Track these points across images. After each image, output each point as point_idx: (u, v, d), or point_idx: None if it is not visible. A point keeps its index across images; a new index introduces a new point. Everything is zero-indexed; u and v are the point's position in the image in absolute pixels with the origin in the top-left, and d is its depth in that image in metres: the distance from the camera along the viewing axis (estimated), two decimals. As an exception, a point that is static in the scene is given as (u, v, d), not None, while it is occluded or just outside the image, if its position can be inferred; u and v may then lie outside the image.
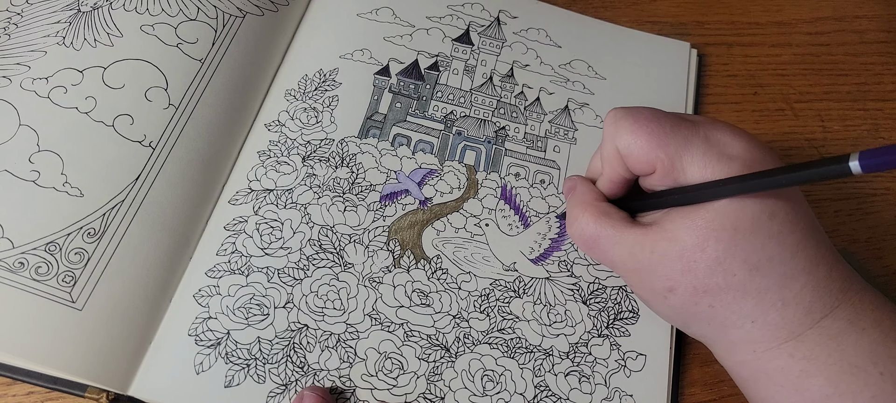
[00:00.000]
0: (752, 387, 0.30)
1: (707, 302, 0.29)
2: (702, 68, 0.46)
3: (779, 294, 0.28)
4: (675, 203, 0.30)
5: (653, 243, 0.29)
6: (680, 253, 0.28)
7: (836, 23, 0.49)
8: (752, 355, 0.29)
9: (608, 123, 0.31)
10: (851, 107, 0.45)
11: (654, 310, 0.32)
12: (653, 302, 0.31)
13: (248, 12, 0.41)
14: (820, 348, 0.28)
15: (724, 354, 0.31)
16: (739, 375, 0.31)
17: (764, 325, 0.29)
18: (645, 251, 0.30)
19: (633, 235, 0.30)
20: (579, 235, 0.32)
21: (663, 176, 0.30)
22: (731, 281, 0.28)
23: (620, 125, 0.30)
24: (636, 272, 0.31)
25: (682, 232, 0.29)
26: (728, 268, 0.28)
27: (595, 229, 0.32)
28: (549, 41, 0.44)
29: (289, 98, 0.40)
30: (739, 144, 0.29)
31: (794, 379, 0.28)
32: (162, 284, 0.34)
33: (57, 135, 0.35)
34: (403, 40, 0.43)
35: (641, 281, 0.31)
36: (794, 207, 0.28)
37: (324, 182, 0.38)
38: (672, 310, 0.30)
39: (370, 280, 0.35)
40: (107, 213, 0.34)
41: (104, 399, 0.31)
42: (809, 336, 0.28)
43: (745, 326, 0.29)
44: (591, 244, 0.32)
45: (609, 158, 0.32)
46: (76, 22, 0.38)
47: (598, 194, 0.33)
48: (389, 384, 0.33)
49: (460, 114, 0.41)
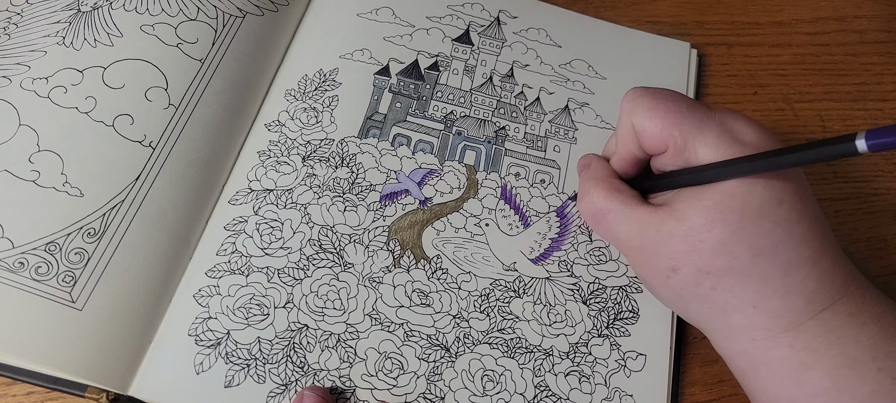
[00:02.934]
0: (752, 378, 0.30)
1: (709, 284, 0.29)
2: (702, 68, 0.46)
3: (781, 281, 0.28)
4: (684, 183, 0.30)
5: (660, 221, 0.30)
6: (686, 232, 0.29)
7: (836, 23, 0.49)
8: (751, 343, 0.29)
9: (626, 100, 0.32)
10: (851, 107, 0.45)
11: (654, 292, 0.32)
12: (654, 282, 0.31)
13: (248, 12, 0.41)
14: (820, 340, 0.28)
15: (723, 342, 0.31)
16: (738, 365, 0.31)
17: (765, 312, 0.29)
18: (651, 229, 0.30)
19: (642, 212, 0.30)
20: (589, 209, 0.33)
21: (675, 155, 0.30)
22: (735, 263, 0.28)
23: (638, 102, 0.31)
24: (641, 250, 0.31)
25: (689, 212, 0.29)
26: (733, 251, 0.28)
27: (605, 203, 0.32)
28: (550, 41, 0.44)
29: (289, 98, 0.40)
30: (754, 133, 0.29)
31: (794, 371, 0.28)
32: (162, 284, 0.34)
33: (57, 135, 0.35)
34: (403, 40, 0.43)
35: (645, 260, 0.31)
36: (803, 197, 0.29)
37: (324, 182, 0.38)
38: (673, 292, 0.30)
39: (370, 280, 0.35)
40: (107, 213, 0.34)
41: (104, 399, 0.31)
42: (809, 326, 0.28)
43: (746, 311, 0.29)
44: (599, 218, 0.32)
45: (624, 135, 0.32)
46: (76, 22, 0.38)
47: (611, 171, 0.34)
48: (389, 384, 0.33)
49: (460, 114, 0.41)
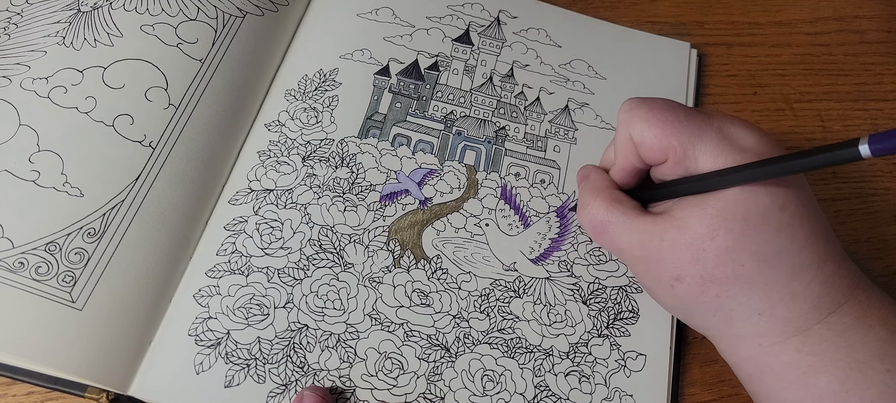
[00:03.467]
0: (758, 383, 0.30)
1: (714, 292, 0.29)
2: (702, 68, 0.46)
3: (787, 287, 0.28)
4: (686, 192, 0.30)
5: (662, 231, 0.29)
6: (689, 241, 0.28)
7: (836, 23, 0.49)
8: (758, 349, 0.29)
9: (623, 112, 0.31)
10: (851, 107, 0.45)
11: (659, 300, 0.32)
12: (658, 291, 0.31)
13: (248, 12, 0.41)
14: (827, 343, 0.28)
15: (728, 349, 0.31)
16: (744, 371, 0.31)
17: (771, 318, 0.29)
18: (654, 239, 0.30)
19: (643, 223, 0.30)
20: (590, 221, 0.32)
21: (675, 164, 0.30)
22: (740, 271, 0.28)
23: (634, 113, 0.31)
24: (644, 260, 0.31)
25: (692, 221, 0.29)
26: (737, 259, 0.28)
27: (606, 215, 0.32)
28: (549, 41, 0.44)
29: (289, 98, 0.40)
30: (752, 138, 0.29)
31: (801, 375, 0.28)
32: (162, 284, 0.34)
33: (57, 135, 0.35)
34: (403, 40, 0.43)
35: (648, 270, 0.31)
36: (805, 202, 0.28)
37: (324, 182, 0.38)
38: (677, 301, 0.30)
39: (370, 280, 0.35)
40: (107, 213, 0.34)
41: (104, 399, 0.31)
42: (816, 331, 0.28)
43: (752, 318, 0.29)
44: (601, 230, 0.32)
45: (622, 147, 0.32)
46: (76, 22, 0.38)
47: (611, 182, 0.34)
48: (389, 384, 0.33)
49: (460, 114, 0.41)
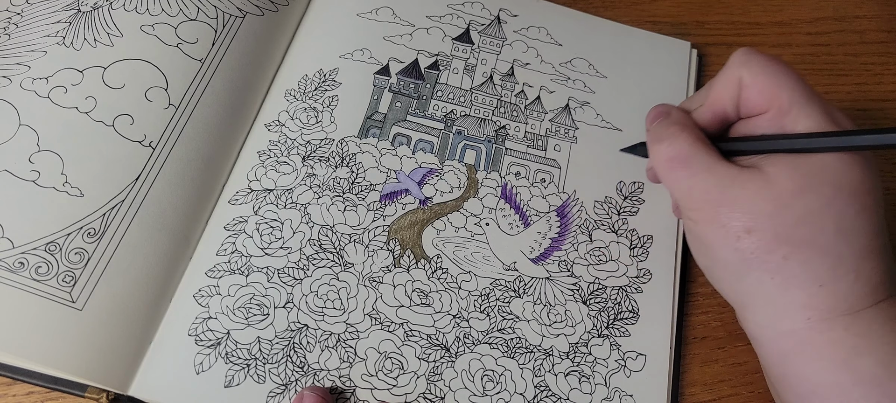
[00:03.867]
0: (793, 362, 0.29)
1: (782, 253, 0.28)
2: (702, 68, 0.46)
3: (854, 264, 0.28)
4: (775, 148, 0.29)
5: (747, 179, 0.29)
6: (775, 194, 0.28)
7: (836, 23, 0.49)
8: (805, 323, 0.29)
9: (739, 54, 0.31)
10: (851, 107, 0.45)
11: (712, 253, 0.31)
12: (718, 241, 0.30)
13: (248, 12, 0.41)
14: (875, 326, 0.28)
15: (766, 320, 0.30)
16: (779, 348, 0.30)
17: (830, 293, 0.28)
18: (736, 185, 0.29)
19: (728, 168, 0.29)
20: (670, 153, 0.31)
21: (773, 118, 0.30)
22: (818, 237, 0.28)
23: (753, 56, 0.30)
24: (715, 205, 0.29)
25: (782, 177, 0.28)
26: (819, 223, 0.28)
27: (690, 149, 0.30)
28: (550, 39, 0.44)
29: (289, 98, 0.40)
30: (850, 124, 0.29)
31: (845, 355, 0.28)
32: (162, 284, 0.34)
33: (57, 135, 0.35)
34: (403, 40, 0.43)
35: (717, 216, 0.29)
36: (880, 193, 0.29)
37: (324, 182, 0.38)
38: (738, 254, 0.29)
39: (370, 279, 0.35)
40: (107, 213, 0.34)
41: (104, 399, 0.31)
42: (867, 314, 0.28)
43: (812, 289, 0.28)
44: (681, 163, 0.31)
45: (724, 87, 0.31)
46: (76, 22, 0.38)
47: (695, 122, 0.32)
48: (389, 384, 0.33)
49: (460, 114, 0.41)
